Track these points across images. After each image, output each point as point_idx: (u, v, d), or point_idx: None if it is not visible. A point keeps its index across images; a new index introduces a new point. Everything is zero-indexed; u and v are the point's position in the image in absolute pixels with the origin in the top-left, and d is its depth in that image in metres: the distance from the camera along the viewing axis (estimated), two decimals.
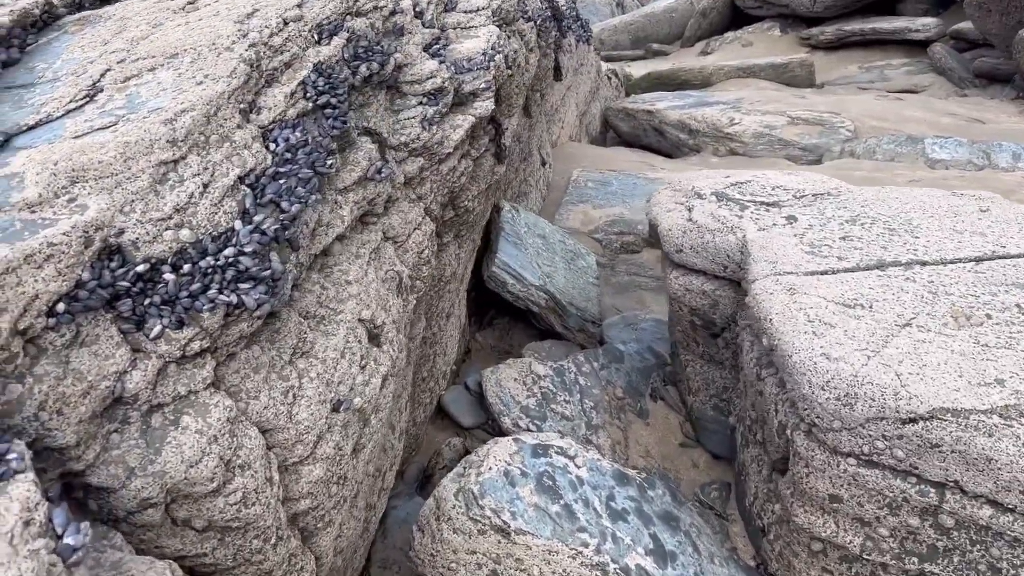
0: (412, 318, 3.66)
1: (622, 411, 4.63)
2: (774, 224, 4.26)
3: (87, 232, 2.22)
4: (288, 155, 2.84)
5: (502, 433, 4.35)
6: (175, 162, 2.50)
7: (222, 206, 2.50)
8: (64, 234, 2.17)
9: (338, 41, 3.33)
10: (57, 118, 2.77)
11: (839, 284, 3.59)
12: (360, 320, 2.94)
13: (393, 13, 3.77)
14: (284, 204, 2.68)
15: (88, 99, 2.86)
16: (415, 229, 3.57)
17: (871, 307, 3.41)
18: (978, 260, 3.66)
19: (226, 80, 2.80)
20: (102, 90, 2.91)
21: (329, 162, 2.97)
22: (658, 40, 18.12)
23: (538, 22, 5.87)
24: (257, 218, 2.56)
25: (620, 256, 6.85)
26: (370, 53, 3.44)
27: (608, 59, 16.16)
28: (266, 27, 3.14)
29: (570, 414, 4.43)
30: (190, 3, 3.67)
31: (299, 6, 3.39)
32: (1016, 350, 3.02)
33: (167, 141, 2.49)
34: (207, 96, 2.70)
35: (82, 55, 3.29)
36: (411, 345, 3.77)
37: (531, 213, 6.24)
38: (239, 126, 2.76)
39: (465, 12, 4.37)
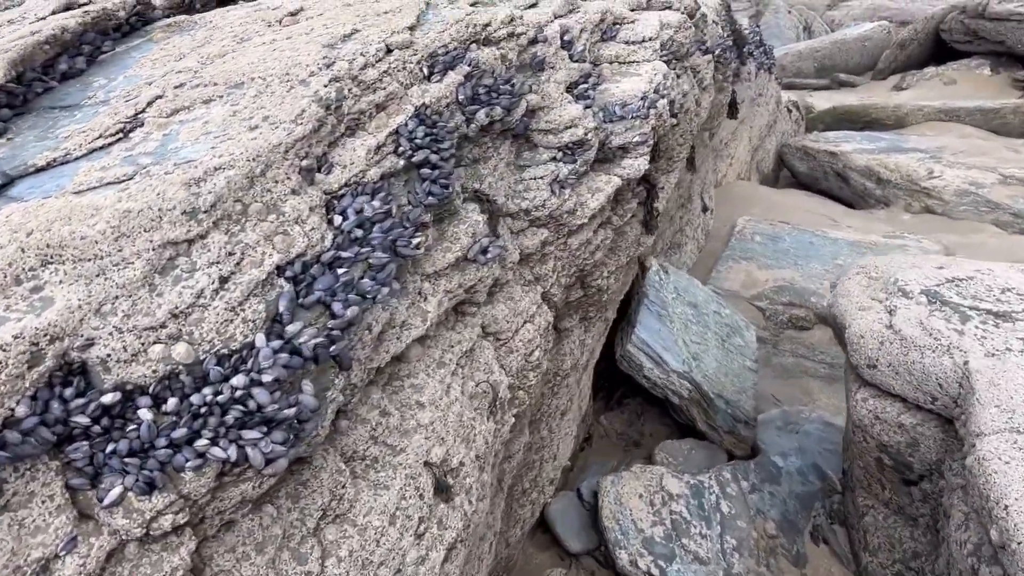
0: (508, 438, 2.87)
1: (773, 554, 3.65)
2: (1008, 348, 3.20)
3: (36, 343, 1.56)
4: (358, 232, 2.10)
5: (616, 571, 3.48)
6: (189, 243, 1.81)
7: (242, 310, 1.78)
8: (1, 347, 1.51)
9: (454, 77, 2.57)
10: (75, 159, 2.15)
11: None
12: (426, 464, 2.16)
13: (533, 42, 2.98)
14: (336, 306, 1.94)
15: (122, 135, 2.23)
16: (526, 322, 2.76)
17: None
18: None
19: (287, 126, 2.10)
20: (142, 124, 2.27)
21: (415, 241, 2.22)
22: (846, 70, 16.54)
23: (716, 53, 4.93)
24: (291, 328, 1.82)
25: (786, 332, 5.79)
26: (494, 94, 2.66)
27: (788, 86, 14.84)
28: (361, 55, 2.42)
29: (705, 555, 3.51)
30: (291, 15, 3.03)
31: (411, 29, 2.67)
32: None
33: (182, 212, 1.79)
34: (256, 148, 2.00)
35: (148, 72, 2.69)
36: (506, 466, 2.97)
37: (683, 274, 5.31)
38: (294, 191, 2.05)
39: (627, 43, 3.50)
